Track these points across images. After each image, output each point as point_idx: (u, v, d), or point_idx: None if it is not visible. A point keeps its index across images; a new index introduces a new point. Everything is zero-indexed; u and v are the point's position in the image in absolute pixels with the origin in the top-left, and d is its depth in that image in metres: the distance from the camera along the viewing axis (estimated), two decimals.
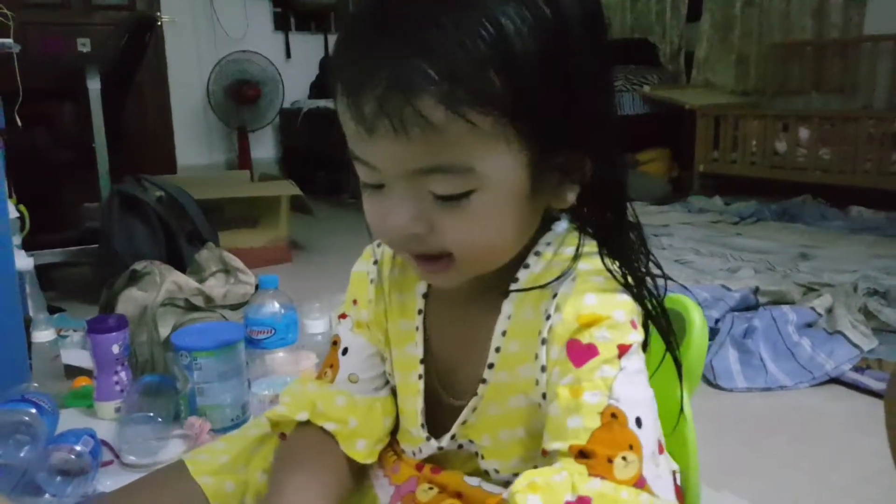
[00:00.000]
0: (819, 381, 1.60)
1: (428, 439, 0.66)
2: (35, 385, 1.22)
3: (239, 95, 4.53)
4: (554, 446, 0.52)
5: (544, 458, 0.53)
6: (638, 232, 0.57)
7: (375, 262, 0.70)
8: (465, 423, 0.63)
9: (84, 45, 3.81)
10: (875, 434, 0.96)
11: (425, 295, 0.66)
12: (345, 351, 0.71)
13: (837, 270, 2.32)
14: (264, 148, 4.93)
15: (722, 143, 3.86)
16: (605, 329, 0.53)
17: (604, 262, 0.56)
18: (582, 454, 0.50)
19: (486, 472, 0.64)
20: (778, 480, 1.23)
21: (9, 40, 2.01)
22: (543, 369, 0.56)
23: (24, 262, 1.62)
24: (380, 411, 0.70)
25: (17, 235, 1.72)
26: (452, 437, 0.64)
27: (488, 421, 0.62)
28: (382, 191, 0.53)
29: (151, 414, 1.12)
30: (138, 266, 1.61)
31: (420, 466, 0.68)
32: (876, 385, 1.53)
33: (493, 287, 0.60)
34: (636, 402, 0.52)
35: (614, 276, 0.55)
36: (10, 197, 1.64)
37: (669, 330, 0.58)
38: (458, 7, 0.47)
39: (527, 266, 0.59)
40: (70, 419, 1.23)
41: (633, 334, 0.54)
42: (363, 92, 0.48)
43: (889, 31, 3.56)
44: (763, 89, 4.13)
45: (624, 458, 0.50)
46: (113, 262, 1.96)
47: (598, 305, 0.54)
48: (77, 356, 1.48)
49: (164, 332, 1.42)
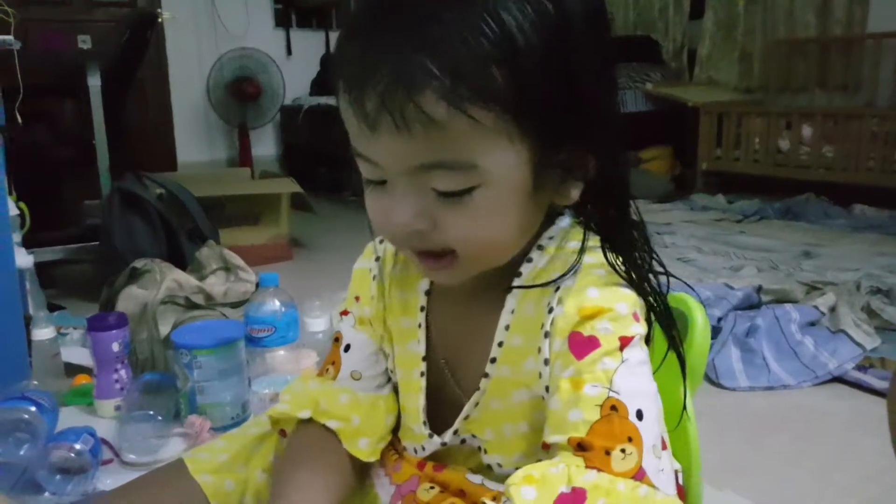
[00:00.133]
0: (822, 379, 1.59)
1: (430, 436, 0.65)
2: (35, 383, 1.22)
3: (240, 92, 4.52)
4: (553, 439, 0.52)
5: (545, 451, 0.53)
6: (641, 230, 0.57)
7: (377, 258, 0.70)
8: (467, 417, 0.63)
9: (85, 42, 3.81)
10: (878, 433, 0.96)
11: (428, 292, 0.66)
12: (347, 348, 0.70)
13: (840, 269, 2.31)
14: (265, 145, 4.92)
15: (725, 141, 3.85)
16: (607, 321, 0.53)
17: (606, 257, 0.56)
18: (580, 447, 0.50)
19: (488, 467, 0.64)
20: (780, 479, 1.23)
21: (9, 37, 2.01)
22: (546, 362, 0.56)
23: (24, 259, 1.63)
24: (383, 409, 0.69)
25: (18, 233, 1.72)
26: (455, 432, 0.64)
27: (491, 415, 0.62)
28: (385, 187, 0.53)
29: (151, 412, 1.12)
30: (138, 264, 1.61)
31: (422, 465, 0.67)
32: (879, 384, 1.53)
33: (496, 283, 0.60)
34: (637, 393, 0.52)
35: (616, 271, 0.55)
36: (11, 194, 1.64)
37: (672, 325, 0.58)
38: (460, 3, 0.47)
39: (530, 260, 0.59)
40: (70, 417, 1.22)
41: (635, 326, 0.54)
42: (365, 88, 0.48)
43: (892, 29, 3.54)
44: (766, 87, 4.12)
45: (623, 450, 0.49)
46: (113, 259, 1.95)
47: (600, 298, 0.54)
48: (77, 354, 1.48)
49: (164, 329, 1.42)
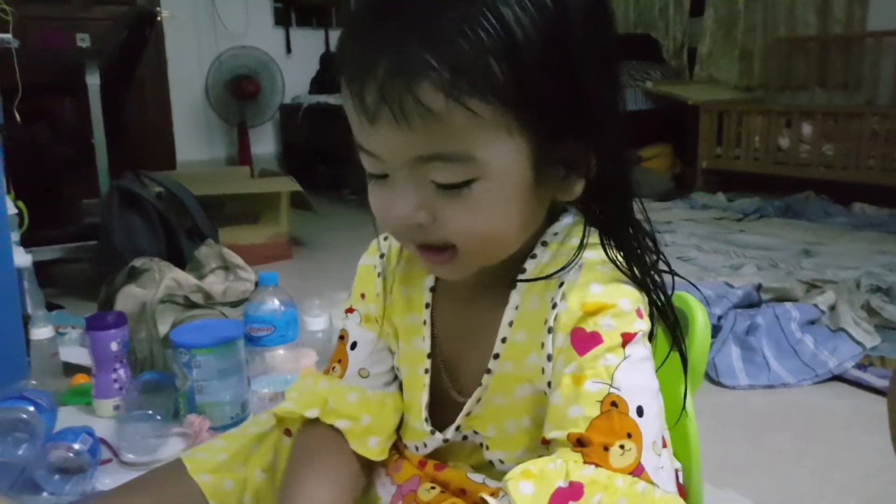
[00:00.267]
0: (822, 378, 1.59)
1: (432, 432, 0.65)
2: (33, 382, 1.22)
3: (239, 91, 4.52)
4: (553, 435, 0.52)
5: (545, 447, 0.53)
6: (643, 230, 0.57)
7: (382, 255, 0.70)
8: (469, 414, 0.63)
9: (84, 41, 3.80)
10: (878, 431, 0.96)
11: (432, 288, 0.66)
12: (353, 345, 0.70)
13: (840, 267, 2.31)
14: (264, 144, 4.92)
15: (725, 139, 3.85)
16: (610, 317, 0.53)
17: (607, 253, 0.56)
18: (580, 443, 0.50)
19: (490, 464, 0.63)
20: (781, 478, 1.23)
21: (8, 35, 2.01)
22: (549, 358, 0.56)
23: (22, 258, 1.63)
24: (391, 407, 0.69)
25: (16, 232, 1.72)
26: (457, 428, 0.64)
27: (493, 411, 0.62)
28: (386, 181, 0.54)
29: (150, 412, 1.12)
30: (137, 263, 1.61)
31: (423, 463, 0.67)
32: (879, 382, 1.53)
33: (501, 279, 0.60)
34: (639, 390, 0.51)
35: (619, 268, 0.55)
36: (9, 192, 1.63)
37: (676, 322, 0.58)
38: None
39: (534, 257, 0.59)
40: (68, 417, 1.22)
41: (638, 323, 0.53)
42: (365, 81, 0.49)
43: (892, 27, 3.54)
44: (766, 85, 4.12)
45: (621, 446, 0.49)
46: (112, 258, 1.95)
47: (603, 294, 0.54)
48: (76, 353, 1.48)
49: (163, 329, 1.42)
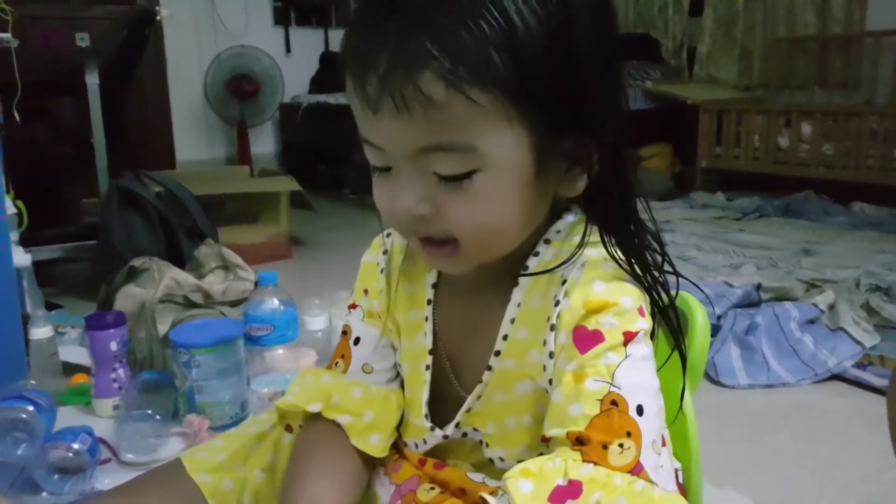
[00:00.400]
0: (821, 377, 1.59)
1: (432, 429, 0.65)
2: (33, 382, 1.22)
3: (238, 90, 4.52)
4: (552, 433, 0.52)
5: (545, 444, 0.53)
6: (646, 228, 0.57)
7: (385, 252, 0.70)
8: (469, 410, 0.63)
9: (83, 40, 3.79)
10: (877, 431, 0.96)
11: (435, 285, 0.66)
12: (356, 341, 0.70)
13: (840, 267, 2.31)
14: (264, 143, 4.91)
15: (724, 139, 3.85)
16: (612, 316, 0.53)
17: (608, 250, 0.55)
18: (579, 441, 0.50)
19: (490, 462, 0.63)
20: (780, 477, 1.23)
21: (7, 35, 2.00)
22: (551, 355, 0.56)
23: (21, 258, 1.62)
24: (394, 403, 0.69)
25: (15, 231, 1.72)
26: (457, 425, 0.64)
27: (493, 408, 0.62)
28: (390, 174, 0.54)
29: (150, 411, 1.12)
30: (137, 262, 1.61)
31: (422, 462, 0.67)
32: (878, 382, 1.53)
33: (503, 276, 0.60)
34: (639, 389, 0.51)
35: (620, 265, 0.55)
36: (8, 192, 1.63)
37: (677, 321, 0.58)
38: None
39: (537, 254, 0.59)
40: (68, 416, 1.22)
41: (640, 321, 0.53)
42: (367, 72, 0.49)
43: (891, 27, 3.54)
44: (766, 84, 4.12)
45: (620, 444, 0.49)
46: (111, 258, 1.95)
47: (605, 292, 0.54)
48: (75, 353, 1.48)
49: (162, 328, 1.42)
